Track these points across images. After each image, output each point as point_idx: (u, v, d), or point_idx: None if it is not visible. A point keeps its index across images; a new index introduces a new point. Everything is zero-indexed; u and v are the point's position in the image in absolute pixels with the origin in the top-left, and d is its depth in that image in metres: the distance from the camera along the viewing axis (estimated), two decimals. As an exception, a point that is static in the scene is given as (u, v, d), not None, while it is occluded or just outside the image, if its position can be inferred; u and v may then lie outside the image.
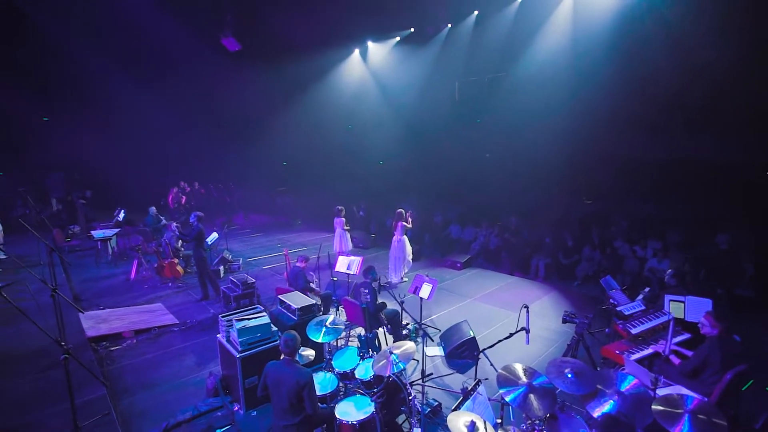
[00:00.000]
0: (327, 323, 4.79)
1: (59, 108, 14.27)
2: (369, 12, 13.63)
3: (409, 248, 9.41)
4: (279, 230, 15.52)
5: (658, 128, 10.49)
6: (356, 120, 17.70)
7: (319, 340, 4.65)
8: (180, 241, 10.01)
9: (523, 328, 3.71)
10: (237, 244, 12.98)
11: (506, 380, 3.48)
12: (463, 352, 5.99)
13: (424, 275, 6.58)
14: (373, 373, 4.30)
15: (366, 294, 5.67)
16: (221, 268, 10.04)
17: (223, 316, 5.39)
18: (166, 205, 14.07)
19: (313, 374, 3.89)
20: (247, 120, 18.49)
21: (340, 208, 10.61)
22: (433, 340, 6.42)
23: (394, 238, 9.36)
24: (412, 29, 14.90)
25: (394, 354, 4.07)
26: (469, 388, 3.35)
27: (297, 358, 4.02)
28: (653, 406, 3.02)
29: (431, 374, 4.53)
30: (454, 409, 3.20)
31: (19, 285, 8.79)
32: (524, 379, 3.44)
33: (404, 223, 9.26)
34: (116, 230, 11.49)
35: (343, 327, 4.90)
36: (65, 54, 12.77)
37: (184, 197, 14.83)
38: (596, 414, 3.28)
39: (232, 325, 5.19)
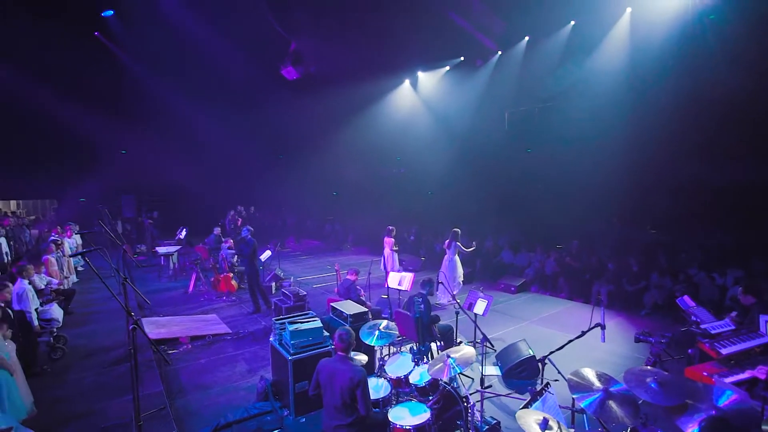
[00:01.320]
0: (381, 327, 4.67)
1: (134, 135, 15.64)
2: (420, 43, 14.14)
3: (460, 269, 9.15)
4: (329, 254, 15.73)
5: (723, 151, 9.75)
6: (407, 148, 17.93)
7: (372, 343, 4.52)
8: (236, 257, 10.37)
9: (598, 324, 3.39)
10: (288, 265, 13.26)
11: (578, 385, 3.16)
12: (522, 372, 5.59)
13: (478, 291, 6.32)
14: (428, 379, 4.09)
15: (420, 303, 5.49)
16: (273, 284, 10.24)
17: (276, 320, 5.41)
18: (224, 227, 14.75)
19: (366, 378, 3.75)
20: (301, 149, 19.32)
21: (390, 228, 10.59)
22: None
23: (446, 257, 9.15)
24: (462, 58, 15.16)
25: (452, 358, 3.86)
26: (538, 389, 3.07)
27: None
28: (764, 427, 2.61)
29: (490, 386, 4.21)
30: (523, 408, 2.93)
31: (92, 290, 9.49)
32: (598, 384, 3.12)
33: (458, 243, 9.04)
34: (178, 247, 12.14)
35: (397, 333, 4.73)
36: (141, 84, 14.19)
37: (240, 219, 15.49)
38: (690, 431, 2.88)
39: (284, 328, 5.19)
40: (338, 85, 16.02)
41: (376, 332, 4.57)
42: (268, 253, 10.21)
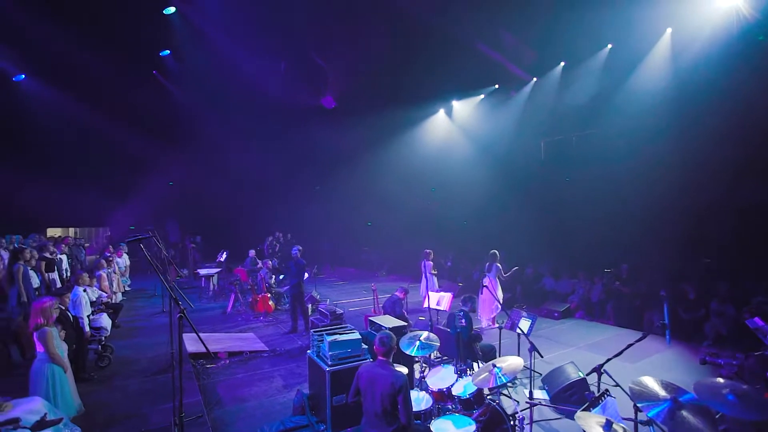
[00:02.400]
0: (421, 338, 4.52)
1: (180, 163, 16.53)
2: (453, 73, 14.43)
3: (499, 292, 8.82)
4: (364, 280, 15.66)
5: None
6: (442, 176, 17.95)
7: (413, 353, 4.36)
8: (274, 277, 10.50)
9: (662, 323, 3.12)
10: (324, 290, 13.26)
11: (641, 394, 2.90)
12: (572, 395, 5.19)
13: (521, 310, 6.05)
14: (473, 390, 3.87)
15: (461, 318, 5.31)
16: (310, 306, 10.22)
17: (314, 331, 5.36)
18: (261, 251, 15.07)
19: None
20: (336, 178, 19.73)
21: (428, 251, 10.46)
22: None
23: (485, 279, 8.88)
24: (497, 86, 15.28)
25: (498, 367, 3.66)
26: (597, 395, 2.83)
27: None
28: None
29: (539, 402, 3.93)
30: (583, 410, 2.70)
31: (137, 308, 9.83)
32: (664, 393, 2.84)
33: (498, 265, 8.78)
34: (218, 270, 12.46)
35: (438, 344, 4.55)
36: (187, 113, 15.17)
37: (278, 245, 15.80)
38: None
39: (323, 339, 5.12)
40: (373, 115, 16.46)
41: (417, 342, 4.42)
42: (305, 276, 10.28)
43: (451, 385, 4.13)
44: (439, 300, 7.26)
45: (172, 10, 11.15)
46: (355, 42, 13.38)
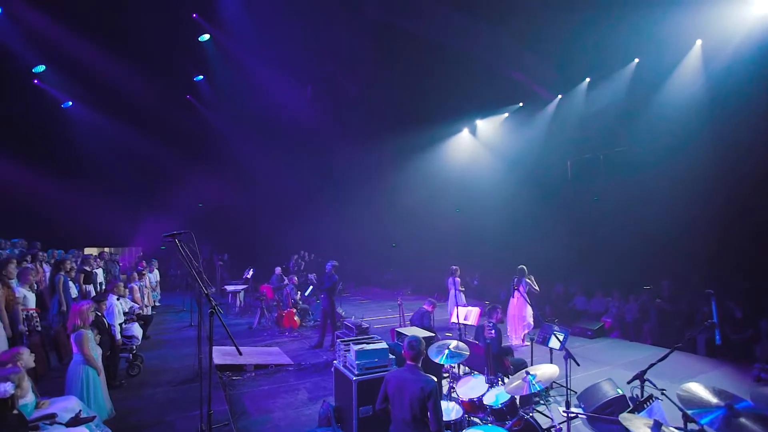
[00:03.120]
0: (450, 347, 4.40)
1: (210, 182, 17.00)
2: (477, 92, 14.55)
3: (529, 308, 8.54)
4: (388, 299, 15.53)
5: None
6: (467, 195, 17.82)
7: (442, 362, 4.24)
8: (299, 293, 10.55)
9: (711, 322, 2.94)
10: (349, 308, 13.20)
11: (691, 401, 2.71)
12: (612, 413, 4.90)
13: (553, 324, 5.84)
14: (506, 400, 3.71)
15: (490, 329, 5.15)
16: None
17: (341, 341, 5.31)
18: (287, 269, 15.21)
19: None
20: (361, 199, 19.88)
21: (455, 267, 10.31)
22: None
23: (514, 295, 8.63)
24: (521, 104, 15.26)
25: (532, 375, 3.51)
26: (641, 399, 2.66)
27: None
28: None
29: (577, 414, 3.72)
30: (629, 412, 2.54)
31: (166, 322, 10.01)
32: (716, 400, 2.65)
33: (528, 280, 8.54)
34: (245, 286, 12.62)
35: (468, 353, 4.42)
36: (216, 133, 15.77)
37: (303, 264, 15.92)
38: None
39: (349, 349, 5.06)
40: (397, 135, 16.66)
41: (446, 351, 4.30)
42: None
43: (482, 395, 3.97)
44: (467, 314, 7.09)
45: (206, 37, 11.76)
46: (378, 64, 13.73)
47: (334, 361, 5.39)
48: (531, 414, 4.01)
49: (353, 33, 12.26)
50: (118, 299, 6.54)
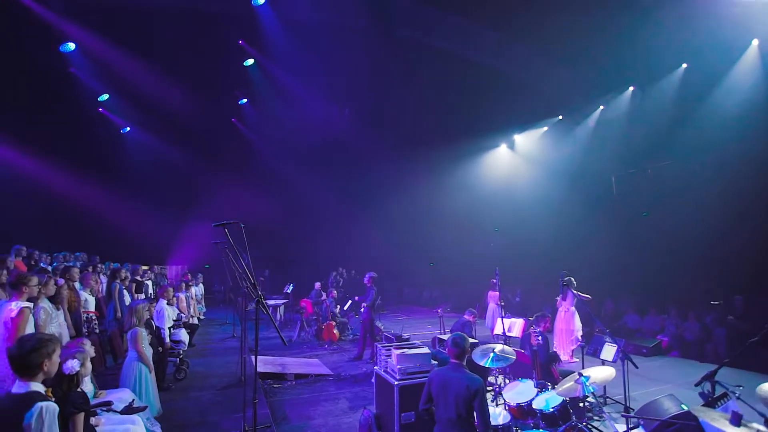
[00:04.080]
0: (495, 350, 4.24)
1: (253, 200, 17.63)
2: (515, 105, 14.43)
3: (578, 322, 8.11)
4: (427, 316, 15.29)
5: None
6: (506, 210, 17.44)
7: (487, 365, 4.09)
8: (339, 307, 10.59)
9: None
10: (388, 323, 13.10)
11: (771, 400, 2.45)
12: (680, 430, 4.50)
13: (604, 335, 5.52)
14: (558, 404, 3.51)
15: (537, 336, 4.93)
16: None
17: (382, 346, 5.25)
18: (326, 285, 15.35)
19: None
20: (398, 216, 19.92)
21: (494, 281, 10.00)
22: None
23: (561, 308, 8.25)
24: (560, 117, 14.94)
25: (585, 376, 3.31)
26: (714, 396, 2.43)
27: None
28: None
29: (638, 417, 3.44)
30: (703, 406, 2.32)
31: (210, 333, 10.29)
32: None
33: (576, 292, 8.13)
34: (285, 301, 12.83)
35: (514, 358, 4.23)
36: (258, 151, 16.44)
37: (342, 280, 16.01)
38: None
39: (390, 354, 4.99)
40: (434, 153, 16.71)
41: (491, 354, 4.14)
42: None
43: (531, 400, 3.77)
44: (511, 326, 6.84)
45: (251, 62, 12.45)
46: (413, 83, 13.98)
47: (375, 367, 5.32)
48: (584, 423, 3.76)
49: (387, 53, 12.60)
50: (167, 303, 6.81)
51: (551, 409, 3.53)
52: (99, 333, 6.36)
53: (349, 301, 11.68)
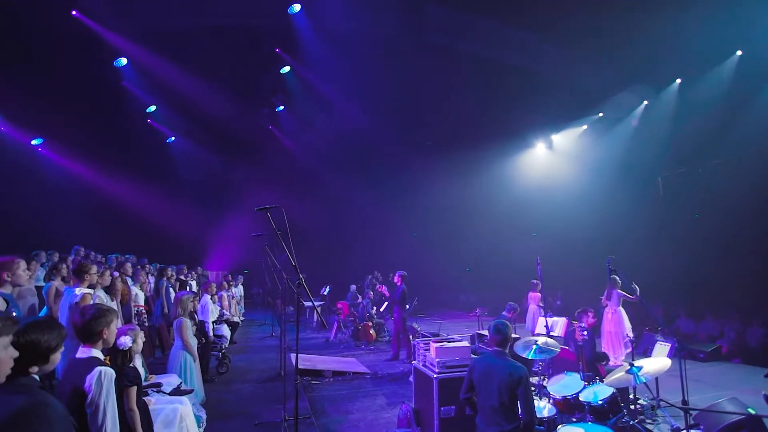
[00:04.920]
0: (538, 342, 4.09)
1: (293, 204, 18.08)
2: (552, 103, 14.05)
3: (627, 322, 7.69)
4: (463, 319, 15.05)
5: None
6: (544, 213, 16.93)
7: (529, 356, 3.95)
8: (375, 308, 10.61)
9: None
10: (425, 327, 12.98)
11: None
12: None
13: (655, 333, 5.21)
14: (607, 396, 3.33)
15: (582, 331, 4.72)
16: (410, 336, 10.03)
17: (420, 341, 5.20)
18: (362, 287, 15.43)
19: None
20: (435, 221, 19.78)
21: (535, 282, 9.75)
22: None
23: (607, 309, 7.87)
24: (601, 114, 14.39)
25: (636, 366, 3.13)
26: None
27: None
28: None
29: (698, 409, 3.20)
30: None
31: (250, 333, 10.54)
32: None
33: (622, 292, 7.75)
34: (321, 303, 12.98)
35: (558, 350, 4.07)
36: (295, 157, 16.86)
37: (377, 283, 16.02)
38: None
39: (429, 348, 4.92)
40: (469, 155, 16.51)
41: (534, 346, 4.00)
42: (407, 306, 10.27)
43: (578, 392, 3.60)
44: (553, 325, 6.58)
45: (287, 69, 12.84)
46: (447, 86, 13.93)
47: (413, 362, 5.26)
48: (636, 421, 3.55)
49: (419, 57, 12.64)
50: (210, 297, 7.06)
51: (600, 401, 3.35)
52: (148, 327, 6.66)
53: (386, 303, 11.69)
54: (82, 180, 12.56)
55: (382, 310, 11.53)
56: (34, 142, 11.69)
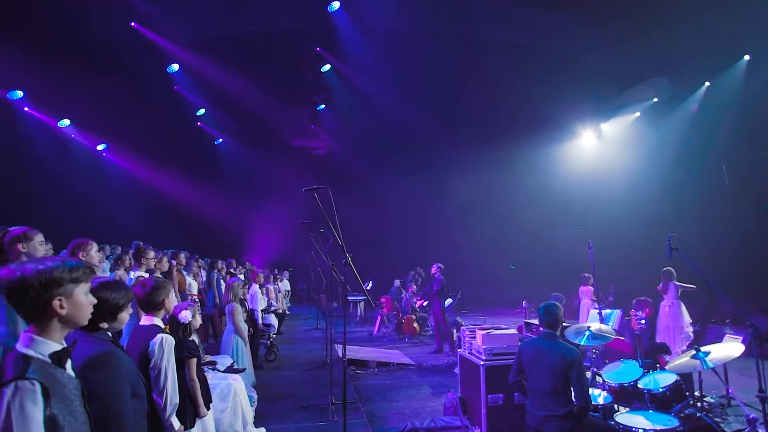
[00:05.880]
0: (591, 328, 3.90)
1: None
2: (602, 91, 13.41)
3: (686, 316, 7.20)
4: (508, 315, 14.65)
5: None
6: (593, 207, 16.16)
7: (582, 343, 3.77)
8: (417, 302, 10.59)
9: None
10: (468, 320, 12.80)
11: None
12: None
13: (724, 326, 4.84)
14: (671, 383, 3.12)
15: (639, 318, 4.46)
16: (454, 330, 9.93)
17: (466, 328, 5.13)
18: (404, 283, 15.43)
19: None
20: (477, 218, 19.42)
21: (587, 275, 9.34)
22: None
23: (663, 302, 7.40)
24: (655, 99, 13.51)
25: (703, 352, 2.91)
26: None
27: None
28: None
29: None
30: None
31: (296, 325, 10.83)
32: None
33: (678, 283, 7.27)
34: (364, 297, 13.09)
35: (612, 337, 3.87)
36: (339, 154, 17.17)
37: (420, 279, 15.97)
38: None
39: (475, 335, 4.84)
40: (510, 149, 16.11)
41: (586, 332, 3.81)
42: (449, 300, 10.23)
43: (636, 379, 3.40)
44: (607, 317, 6.23)
45: (327, 67, 13.08)
46: (489, 78, 13.65)
47: (459, 350, 5.20)
48: (703, 413, 3.30)
49: (460, 50, 12.48)
50: (259, 287, 7.32)
51: (662, 389, 3.14)
52: (201, 315, 7.00)
53: (433, 299, 11.63)
54: (140, 178, 13.41)
55: (425, 304, 11.47)
56: (99, 147, 12.63)
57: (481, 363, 4.43)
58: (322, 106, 15.28)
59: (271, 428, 4.18)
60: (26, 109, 10.17)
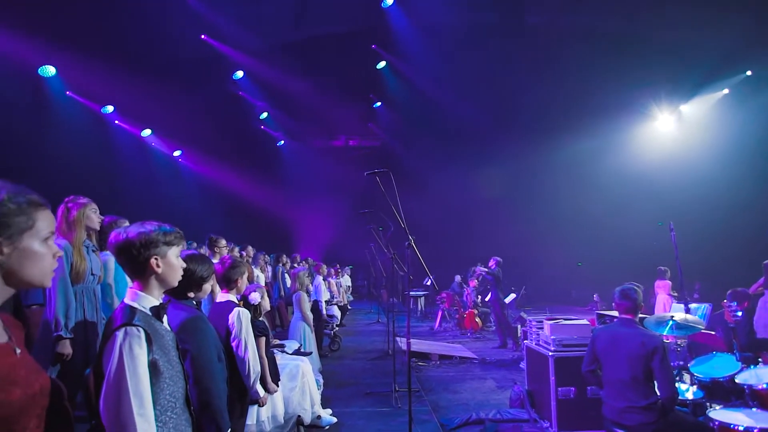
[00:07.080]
0: (676, 318, 3.57)
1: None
2: (680, 69, 12.27)
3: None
4: (576, 313, 13.88)
5: None
6: (671, 197, 14.79)
7: (665, 333, 3.46)
8: (479, 297, 10.40)
9: None
10: (532, 316, 12.35)
11: None
12: None
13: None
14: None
15: (734, 310, 4.03)
16: (518, 326, 9.61)
17: (533, 319, 4.94)
18: (465, 278, 15.19)
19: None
20: (543, 215, 18.59)
21: (664, 269, 8.63)
22: None
23: (764, 297, 6.57)
24: (749, 72, 12.07)
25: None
26: None
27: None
28: None
29: None
30: None
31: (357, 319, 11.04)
32: None
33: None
34: (425, 293, 13.09)
35: (702, 327, 3.52)
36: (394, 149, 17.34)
37: (480, 275, 15.62)
38: None
39: (542, 326, 4.64)
40: (577, 142, 15.28)
41: (670, 322, 3.49)
42: (512, 296, 9.96)
43: (733, 374, 3.06)
44: (694, 310, 5.69)
45: (383, 64, 13.18)
46: (551, 67, 13.05)
47: (525, 341, 5.01)
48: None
49: (519, 41, 12.05)
50: (322, 279, 7.57)
51: (766, 384, 2.80)
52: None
53: (490, 293, 11.36)
54: (212, 178, 14.37)
55: (487, 299, 11.22)
56: (175, 153, 13.72)
57: (550, 354, 4.23)
58: (379, 103, 15.42)
59: (337, 411, 4.29)
60: (117, 122, 11.29)
